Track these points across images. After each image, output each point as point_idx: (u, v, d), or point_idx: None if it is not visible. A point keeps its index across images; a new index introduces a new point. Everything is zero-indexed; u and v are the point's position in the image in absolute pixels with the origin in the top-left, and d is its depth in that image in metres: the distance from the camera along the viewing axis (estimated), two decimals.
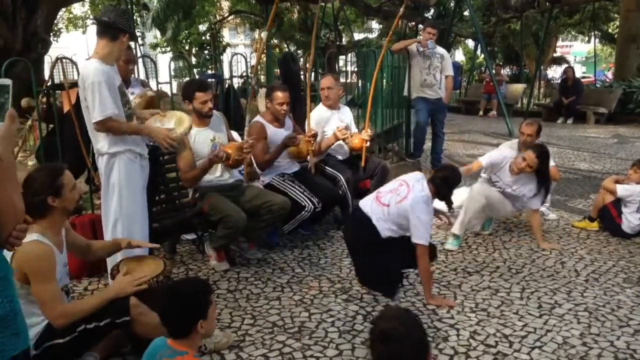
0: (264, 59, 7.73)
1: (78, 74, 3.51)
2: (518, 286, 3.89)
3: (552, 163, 5.27)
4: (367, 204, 3.77)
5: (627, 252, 4.57)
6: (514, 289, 3.85)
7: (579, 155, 8.92)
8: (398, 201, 3.59)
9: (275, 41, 23.34)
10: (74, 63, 4.75)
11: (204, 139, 4.20)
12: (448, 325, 3.31)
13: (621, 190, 4.92)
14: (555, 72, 26.02)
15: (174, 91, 8.57)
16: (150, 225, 3.81)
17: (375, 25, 28.49)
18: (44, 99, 5.48)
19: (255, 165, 4.72)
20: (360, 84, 7.85)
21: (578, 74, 18.21)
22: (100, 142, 3.41)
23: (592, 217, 5.16)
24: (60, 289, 2.65)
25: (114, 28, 3.32)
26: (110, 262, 3.43)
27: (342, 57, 11.49)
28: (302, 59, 7.97)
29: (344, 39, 23.77)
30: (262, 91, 6.04)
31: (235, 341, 3.13)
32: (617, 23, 18.34)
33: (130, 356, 2.93)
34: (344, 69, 10.01)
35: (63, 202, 2.68)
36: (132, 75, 4.69)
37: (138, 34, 18.66)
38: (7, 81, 1.65)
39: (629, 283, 3.94)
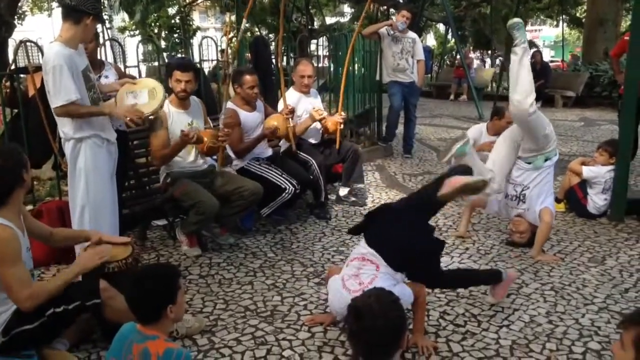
0: (235, 43, 7.66)
1: (43, 57, 3.43)
2: (486, 267, 3.95)
3: None
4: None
5: (592, 232, 4.69)
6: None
7: None
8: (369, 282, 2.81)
9: (247, 24, 23.07)
10: (38, 47, 4.65)
11: (180, 122, 4.15)
12: None
13: (587, 172, 5.03)
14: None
15: (143, 75, 8.42)
16: (120, 212, 3.77)
17: (347, 9, 28.36)
18: (8, 83, 5.34)
19: (230, 151, 4.69)
20: (332, 68, 7.82)
21: (547, 58, 18.46)
22: (66, 127, 3.35)
23: (558, 198, 5.25)
24: (28, 272, 2.61)
25: (77, 11, 3.25)
26: (79, 248, 3.38)
27: (313, 41, 11.45)
28: (273, 43, 7.91)
29: (315, 23, 23.63)
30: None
31: (208, 326, 3.13)
32: (585, 7, 18.60)
33: (100, 342, 2.91)
34: (315, 53, 9.98)
35: (29, 176, 2.70)
36: (106, 59, 4.60)
37: (105, 17, 18.22)
38: None
39: (594, 262, 4.04)
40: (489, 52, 22.80)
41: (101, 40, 4.87)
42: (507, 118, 4.94)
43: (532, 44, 27.03)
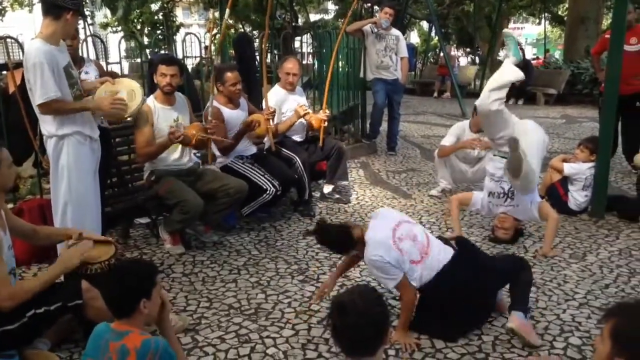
0: (219, 37, 7.63)
1: (23, 54, 3.39)
2: None
3: None
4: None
5: (573, 228, 4.74)
6: None
7: None
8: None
9: (231, 21, 22.96)
10: (19, 43, 4.60)
11: (166, 118, 4.12)
12: None
13: (568, 168, 5.08)
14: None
15: (125, 72, 8.36)
16: (102, 209, 3.74)
17: (331, 6, 28.36)
18: None
19: (214, 148, 4.67)
20: (316, 66, 7.82)
21: (529, 56, 18.62)
22: (48, 124, 3.32)
23: (540, 195, 5.30)
24: (7, 272, 2.57)
25: (56, 6, 3.21)
26: (61, 247, 3.35)
27: (298, 38, 11.43)
28: (257, 40, 7.91)
29: (299, 20, 23.59)
30: None
31: (191, 324, 3.12)
32: (567, 5, 18.78)
33: (82, 342, 2.87)
34: (299, 50, 9.97)
35: (2, 176, 2.64)
36: (87, 56, 4.56)
37: (87, 13, 18.05)
38: None
39: (574, 258, 4.08)
40: (470, 49, 22.91)
41: (82, 36, 4.81)
42: None
43: None
